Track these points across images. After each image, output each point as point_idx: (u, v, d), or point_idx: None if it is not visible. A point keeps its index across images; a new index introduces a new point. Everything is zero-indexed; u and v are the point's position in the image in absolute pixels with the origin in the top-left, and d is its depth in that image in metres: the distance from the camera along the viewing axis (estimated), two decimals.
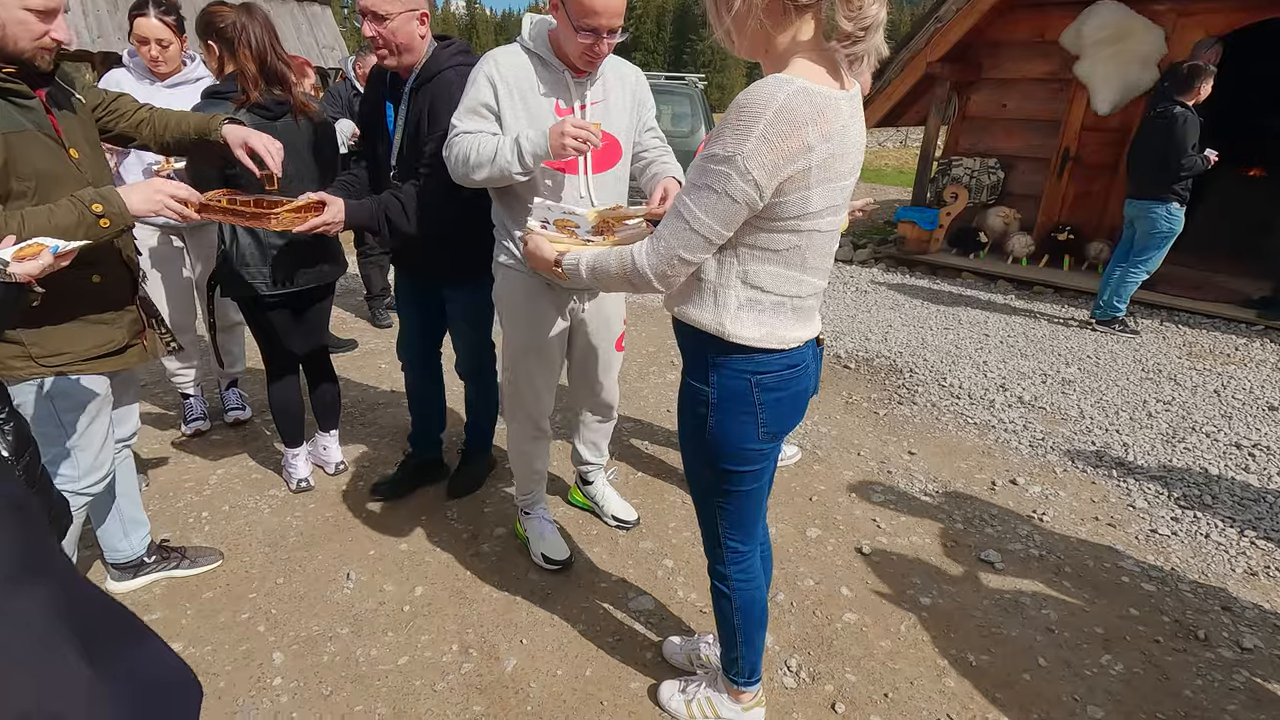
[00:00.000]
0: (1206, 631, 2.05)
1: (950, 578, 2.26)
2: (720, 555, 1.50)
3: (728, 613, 1.54)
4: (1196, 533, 2.53)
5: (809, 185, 1.12)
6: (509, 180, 1.75)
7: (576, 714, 1.73)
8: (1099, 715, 1.76)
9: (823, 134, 1.08)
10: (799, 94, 1.05)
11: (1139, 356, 4.35)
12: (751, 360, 1.27)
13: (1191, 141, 4.21)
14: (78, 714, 0.44)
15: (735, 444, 1.33)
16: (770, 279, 1.22)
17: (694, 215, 1.13)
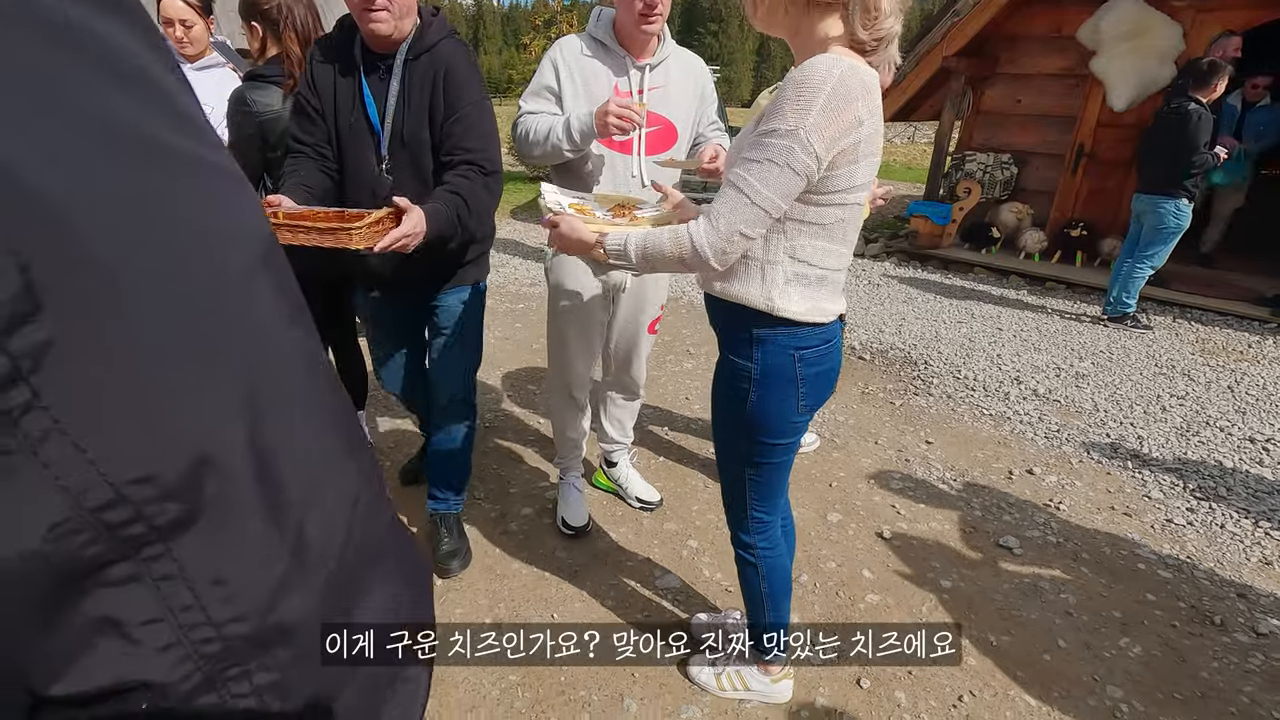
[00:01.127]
0: (1223, 617, 2.09)
1: (969, 562, 2.31)
2: (746, 525, 1.56)
3: (754, 581, 1.60)
4: (1212, 523, 2.57)
5: (857, 159, 1.18)
6: (561, 157, 1.85)
7: (608, 685, 1.78)
8: (1118, 694, 1.80)
9: (870, 109, 1.15)
10: (850, 70, 1.12)
11: (1152, 352, 4.37)
12: (795, 336, 1.31)
13: (1204, 139, 4.23)
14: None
15: (775, 418, 1.37)
16: (816, 253, 1.27)
17: (755, 190, 1.16)
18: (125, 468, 0.24)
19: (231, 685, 0.28)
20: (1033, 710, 1.75)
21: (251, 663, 0.28)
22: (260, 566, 0.28)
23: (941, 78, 6.57)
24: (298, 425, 0.31)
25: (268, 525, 0.28)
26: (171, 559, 0.25)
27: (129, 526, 0.24)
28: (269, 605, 0.28)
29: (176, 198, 0.28)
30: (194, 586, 0.26)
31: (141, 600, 0.25)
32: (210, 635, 0.27)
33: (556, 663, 1.84)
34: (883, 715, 1.73)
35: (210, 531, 0.26)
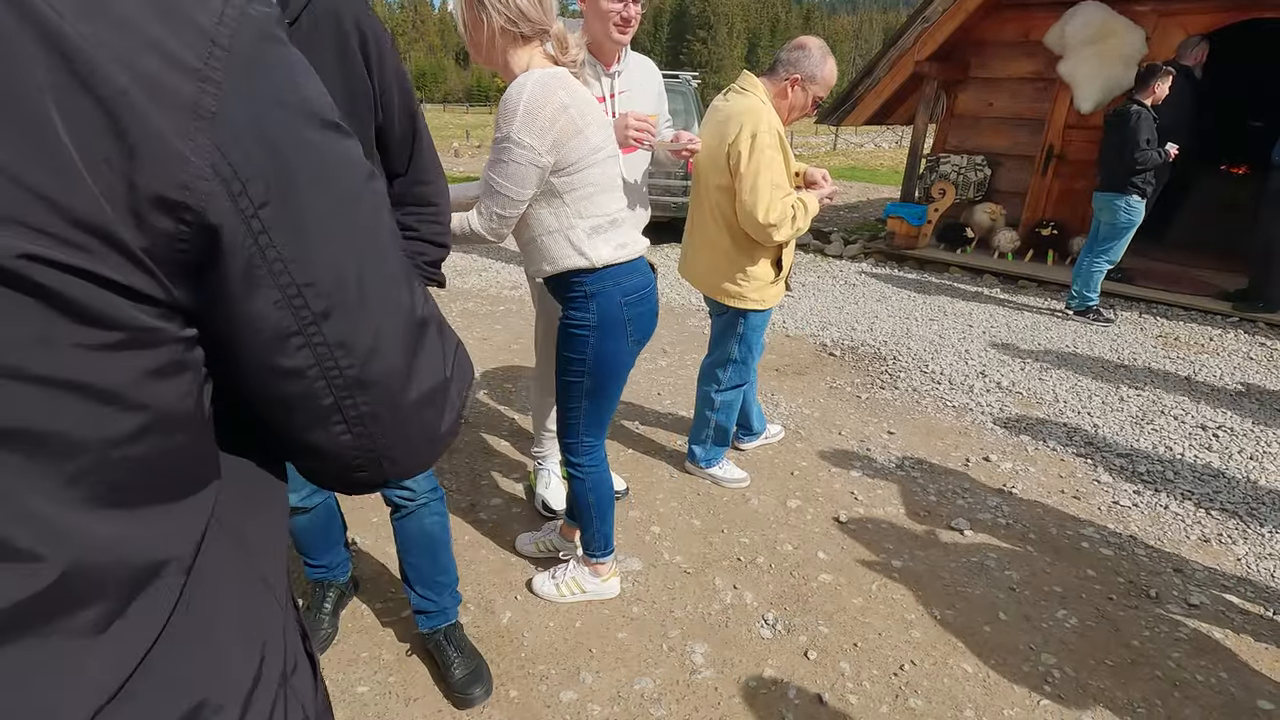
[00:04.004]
0: (1158, 590, 2.19)
1: (921, 543, 2.40)
2: (577, 449, 1.89)
3: (584, 494, 1.94)
4: (1156, 504, 2.68)
5: (581, 129, 1.51)
6: None
7: (567, 660, 1.87)
8: (1051, 661, 1.90)
9: (569, 92, 1.50)
10: (541, 76, 1.47)
11: (1115, 346, 4.49)
12: (619, 286, 1.66)
13: (1144, 136, 4.41)
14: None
15: (613, 354, 1.73)
16: (596, 205, 1.61)
17: (498, 183, 1.52)
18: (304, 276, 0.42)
19: (348, 402, 0.45)
20: (969, 676, 1.84)
21: (358, 395, 0.45)
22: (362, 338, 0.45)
23: (915, 82, 6.71)
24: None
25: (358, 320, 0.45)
26: (321, 334, 0.42)
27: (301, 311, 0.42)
28: (364, 363, 0.44)
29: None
30: (331, 347, 0.43)
31: (306, 357, 0.43)
32: (338, 373, 0.44)
33: (517, 642, 1.92)
34: (827, 685, 1.82)
35: (339, 318, 0.43)
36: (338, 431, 0.46)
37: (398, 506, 1.68)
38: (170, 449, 0.40)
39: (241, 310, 0.40)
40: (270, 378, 0.43)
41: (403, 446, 0.49)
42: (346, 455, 0.47)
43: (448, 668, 1.75)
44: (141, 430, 0.37)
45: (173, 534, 0.41)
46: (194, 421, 0.41)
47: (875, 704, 1.76)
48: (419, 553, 1.73)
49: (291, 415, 0.45)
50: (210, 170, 0.36)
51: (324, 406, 0.44)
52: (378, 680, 1.79)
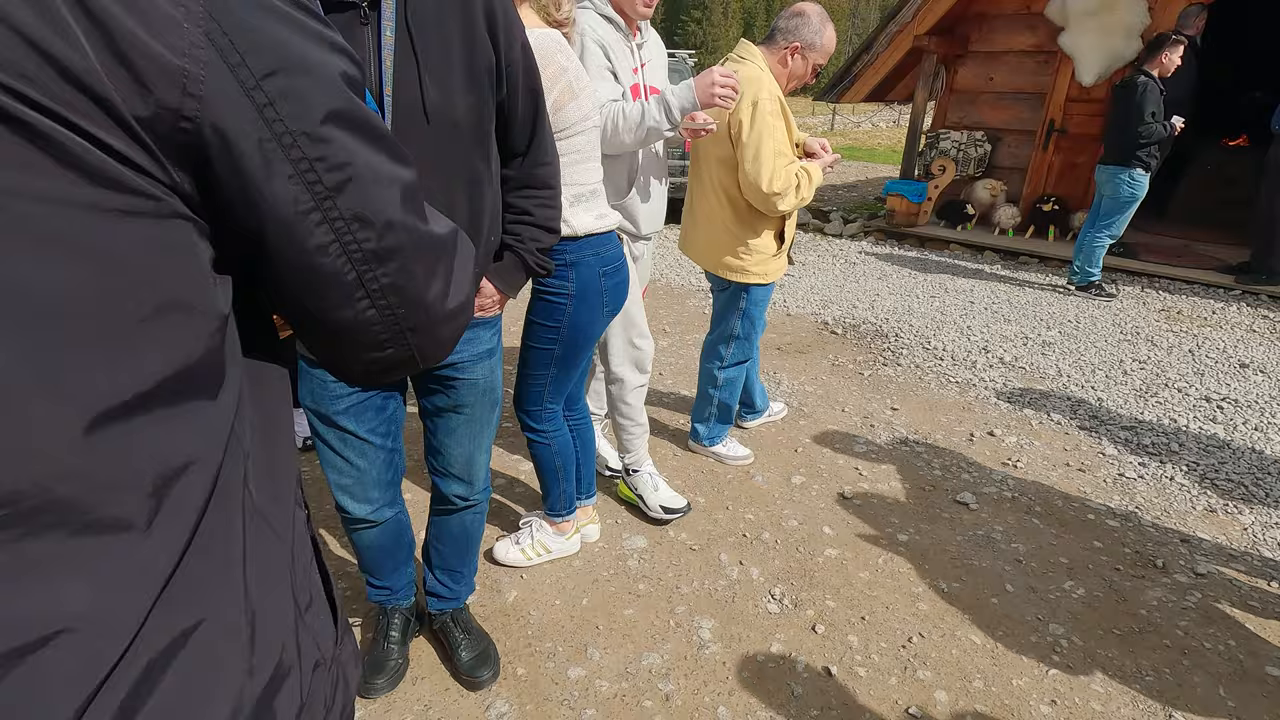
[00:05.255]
0: (1164, 561, 2.18)
1: (927, 517, 2.39)
2: (539, 415, 1.91)
3: (548, 458, 1.97)
4: (1162, 476, 2.67)
5: (576, 95, 1.52)
6: (656, 139, 1.88)
7: (574, 637, 1.86)
8: (1059, 631, 1.89)
9: (567, 56, 1.50)
10: (542, 35, 1.46)
11: (1118, 320, 4.47)
12: (598, 256, 1.68)
13: (1150, 109, 4.34)
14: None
15: (587, 326, 1.75)
16: (580, 173, 1.61)
17: None
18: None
19: (369, 276, 0.47)
20: (977, 648, 1.84)
21: (377, 268, 0.47)
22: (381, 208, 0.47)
23: (914, 57, 6.63)
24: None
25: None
26: (336, 210, 0.44)
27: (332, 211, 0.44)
28: (381, 235, 0.46)
29: None
30: (347, 222, 0.44)
31: (326, 233, 0.44)
32: (356, 248, 0.45)
33: (524, 619, 1.92)
34: (836, 658, 1.81)
35: (353, 191, 0.44)
36: (363, 307, 0.48)
37: (450, 505, 1.62)
38: (190, 338, 0.40)
39: (264, 192, 0.41)
40: (297, 258, 0.44)
41: (422, 318, 0.51)
42: (374, 330, 0.49)
43: (455, 649, 1.73)
44: (159, 309, 0.37)
45: (198, 433, 0.41)
46: (211, 313, 0.41)
47: (884, 676, 1.75)
48: (451, 545, 1.69)
49: (320, 296, 0.46)
50: (204, 38, 0.37)
51: (348, 283, 0.46)
52: None
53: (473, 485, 1.59)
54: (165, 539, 0.39)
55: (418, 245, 0.49)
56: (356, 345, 0.51)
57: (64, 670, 0.35)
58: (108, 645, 0.37)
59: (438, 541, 1.69)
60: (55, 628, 0.35)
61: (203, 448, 0.42)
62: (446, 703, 1.66)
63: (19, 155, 0.31)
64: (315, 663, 0.52)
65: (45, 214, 0.32)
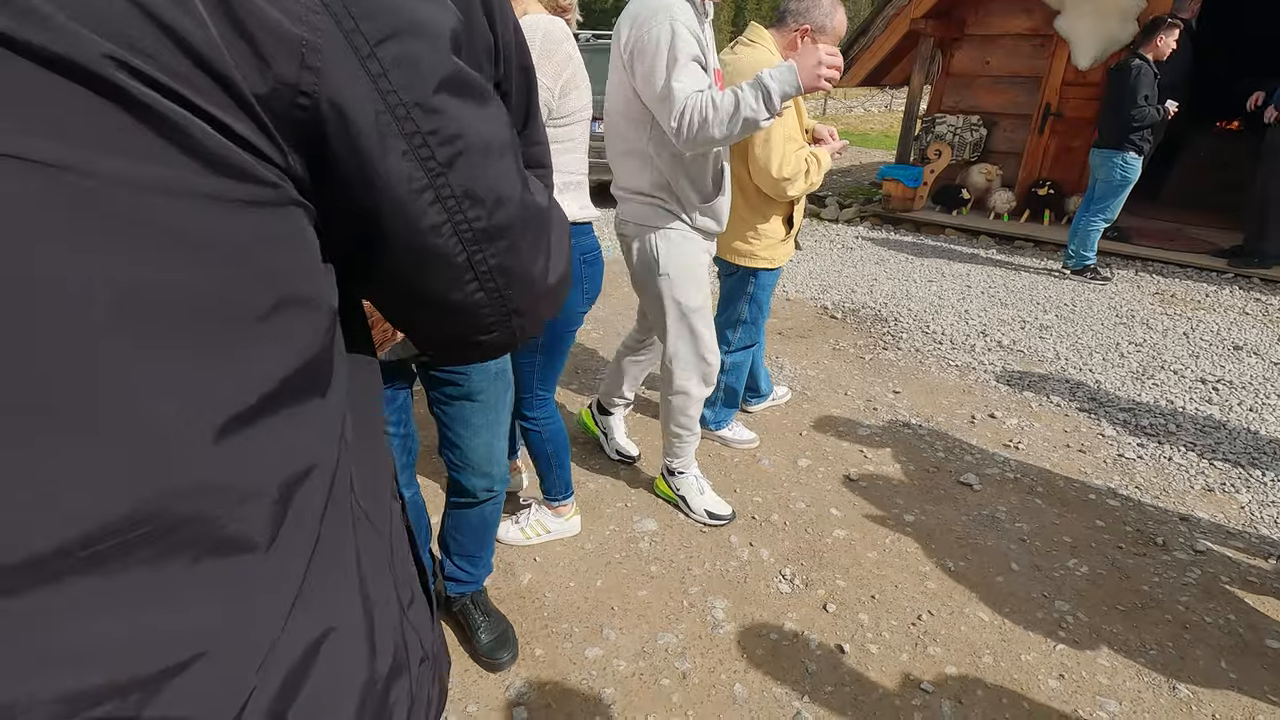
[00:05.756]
0: (1165, 539, 2.23)
1: (932, 498, 2.43)
2: (530, 403, 1.95)
3: (541, 445, 2.02)
4: (1160, 456, 2.71)
5: (577, 85, 1.54)
6: (749, 133, 1.68)
7: (590, 618, 1.88)
8: (1065, 608, 1.93)
9: (572, 45, 1.52)
10: (550, 23, 1.48)
11: (1113, 304, 4.52)
12: (577, 244, 1.70)
13: (1143, 92, 4.36)
14: None
15: (569, 313, 1.79)
16: (570, 163, 1.62)
17: None
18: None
19: (478, 257, 0.45)
20: (985, 624, 1.88)
21: (487, 248, 0.45)
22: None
23: (910, 41, 6.61)
24: None
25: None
26: (448, 187, 0.41)
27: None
28: (491, 212, 0.44)
29: None
30: (458, 200, 0.42)
31: (438, 213, 0.42)
32: (467, 227, 0.43)
33: (539, 601, 1.94)
34: (848, 635, 1.84)
35: (463, 166, 0.42)
36: (471, 289, 0.46)
37: (471, 499, 1.61)
38: (308, 333, 0.38)
39: (379, 171, 0.38)
40: (410, 240, 0.41)
41: (527, 297, 0.49)
42: (482, 314, 0.47)
43: (474, 631, 1.75)
44: (277, 306, 0.35)
45: (317, 434, 0.40)
46: (325, 306, 0.40)
47: (895, 653, 1.78)
48: (470, 534, 1.69)
49: (428, 280, 0.44)
50: (319, 3, 0.34)
51: (458, 265, 0.44)
52: None
53: (493, 476, 1.60)
54: (292, 548, 0.38)
55: (525, 221, 0.46)
56: (462, 329, 0.48)
57: (206, 694, 0.34)
58: (246, 665, 0.36)
59: (456, 532, 1.70)
60: (195, 650, 0.34)
61: (321, 449, 0.40)
62: (466, 684, 1.68)
63: (139, 142, 0.29)
64: (420, 659, 0.52)
65: (166, 208, 0.30)
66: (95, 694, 0.31)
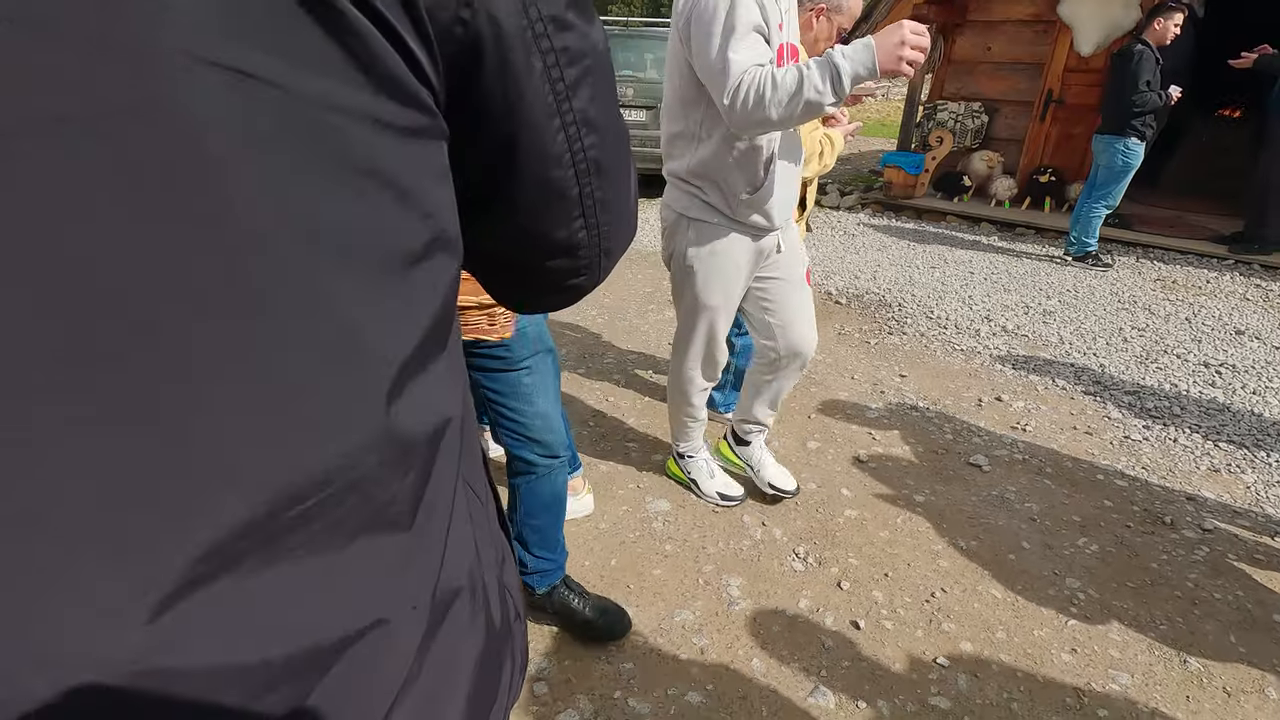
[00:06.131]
0: (1173, 517, 2.25)
1: (941, 479, 2.45)
2: None
3: None
4: (1166, 438, 2.74)
5: None
6: (810, 118, 1.49)
7: (606, 595, 1.89)
8: (1076, 585, 1.96)
9: None
10: None
11: (1115, 290, 4.54)
12: None
13: (1144, 78, 4.35)
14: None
15: None
16: None
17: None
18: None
19: (587, 190, 0.43)
20: (998, 601, 1.90)
21: (595, 181, 0.42)
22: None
23: None
24: None
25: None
26: (571, 113, 0.39)
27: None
28: (603, 141, 0.42)
29: None
30: (579, 127, 0.40)
31: (561, 141, 0.40)
32: (583, 157, 0.41)
33: None
34: (862, 612, 1.86)
35: (586, 87, 0.39)
36: (577, 227, 0.43)
37: (536, 469, 1.57)
38: (449, 279, 0.36)
39: (525, 90, 0.36)
40: (538, 171, 0.39)
41: (621, 235, 0.47)
42: (580, 255, 0.45)
43: (579, 614, 1.71)
44: (429, 247, 0.33)
45: (452, 386, 0.39)
46: (460, 253, 0.38)
47: (910, 629, 1.80)
48: (546, 515, 1.64)
49: (543, 217, 0.42)
50: None
51: (571, 198, 0.42)
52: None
53: (554, 444, 1.56)
54: (437, 507, 0.37)
55: (621, 152, 0.44)
56: (558, 274, 0.46)
57: (380, 663, 0.33)
58: (410, 632, 0.35)
59: (531, 518, 1.63)
60: (372, 618, 0.33)
61: (455, 403, 0.39)
62: None
63: (330, 58, 0.26)
64: (516, 616, 0.51)
65: (339, 132, 0.28)
66: (295, 659, 0.30)
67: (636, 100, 6.63)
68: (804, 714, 1.56)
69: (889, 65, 1.37)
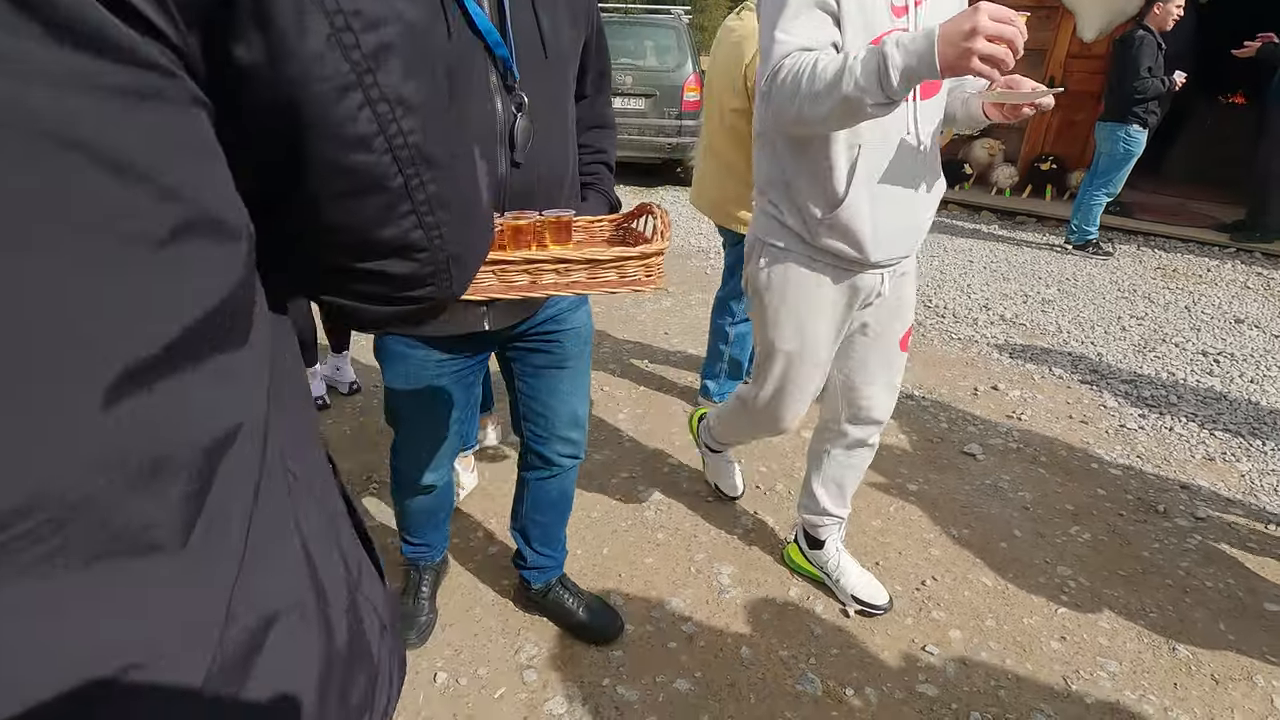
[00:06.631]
0: (1166, 506, 2.25)
1: (935, 468, 2.44)
2: None
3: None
4: (1161, 427, 2.73)
5: None
6: (851, 121, 1.19)
7: (597, 584, 1.90)
8: (1067, 573, 1.96)
9: None
10: None
11: (1115, 278, 4.52)
12: None
13: (1145, 64, 4.31)
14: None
15: None
16: None
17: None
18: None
19: (415, 182, 0.38)
20: (988, 590, 1.90)
21: (425, 171, 0.38)
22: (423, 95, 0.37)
23: None
24: None
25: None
26: (378, 88, 0.34)
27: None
28: (425, 126, 0.37)
29: None
30: (391, 105, 0.35)
31: (368, 121, 0.35)
32: (402, 142, 0.36)
33: None
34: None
35: (394, 60, 0.35)
36: (408, 226, 0.38)
37: (554, 468, 1.53)
38: (220, 267, 0.32)
39: (298, 52, 0.31)
40: (337, 156, 0.34)
41: (466, 239, 0.42)
42: (416, 260, 0.40)
43: (573, 613, 1.70)
44: (178, 231, 0.29)
45: (239, 390, 0.34)
46: (240, 233, 0.33)
47: (900, 617, 1.81)
48: (552, 512, 1.62)
49: (356, 209, 0.37)
50: None
51: (393, 190, 0.37)
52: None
53: (577, 442, 1.53)
54: (225, 523, 0.33)
55: (459, 144, 0.39)
56: (399, 281, 0.41)
57: (150, 698, 0.30)
58: (194, 659, 0.32)
59: (536, 514, 1.62)
60: (122, 662, 0.29)
61: (247, 405, 0.35)
62: (475, 647, 1.70)
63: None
64: (380, 629, 0.48)
65: (29, 94, 0.23)
66: None
67: (635, 88, 6.59)
68: (791, 701, 1.57)
69: (953, 61, 1.01)
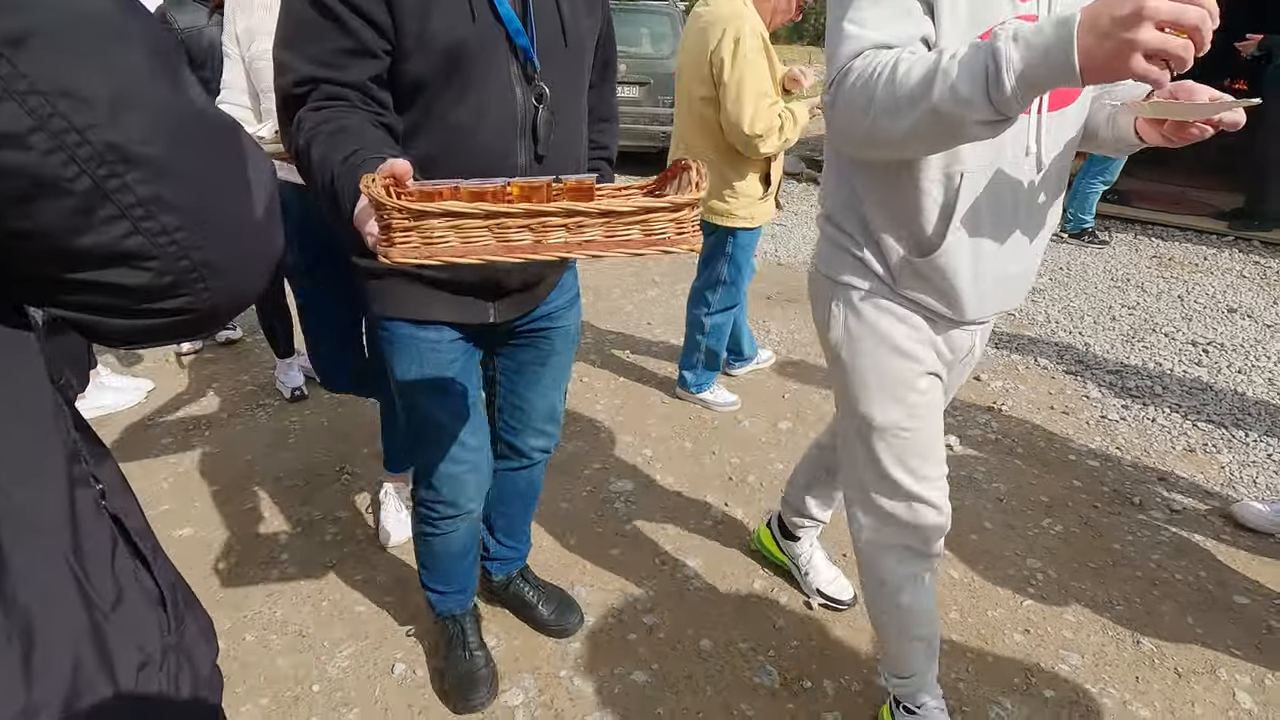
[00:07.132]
0: (1141, 498, 2.23)
1: None
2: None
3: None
4: (1144, 417, 2.70)
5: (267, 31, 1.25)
6: (946, 141, 0.91)
7: (561, 576, 1.89)
8: (1036, 565, 1.94)
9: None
10: None
11: (1109, 267, 4.46)
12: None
13: None
14: None
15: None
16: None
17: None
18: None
19: (114, 183, 0.33)
20: (955, 582, 1.89)
21: (125, 171, 0.33)
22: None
23: None
24: None
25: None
26: (23, 78, 0.30)
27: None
28: (111, 117, 0.32)
29: None
30: (50, 98, 0.31)
31: (16, 114, 0.30)
32: (77, 139, 0.32)
33: None
34: None
35: (40, 47, 0.31)
36: (120, 232, 0.34)
37: (526, 460, 1.52)
38: None
39: None
40: None
41: (215, 242, 0.37)
42: (150, 264, 0.35)
43: (534, 606, 1.70)
44: None
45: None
46: None
47: (862, 609, 1.79)
48: (518, 503, 1.61)
49: (39, 211, 0.32)
50: None
51: (80, 192, 0.32)
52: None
53: (552, 435, 1.52)
54: None
55: (186, 132, 0.35)
56: (140, 293, 0.36)
57: None
58: None
59: (503, 504, 1.60)
60: None
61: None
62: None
63: None
64: (140, 664, 0.44)
65: None
66: None
67: (630, 76, 6.54)
68: (748, 693, 1.56)
69: (1104, 60, 0.73)
